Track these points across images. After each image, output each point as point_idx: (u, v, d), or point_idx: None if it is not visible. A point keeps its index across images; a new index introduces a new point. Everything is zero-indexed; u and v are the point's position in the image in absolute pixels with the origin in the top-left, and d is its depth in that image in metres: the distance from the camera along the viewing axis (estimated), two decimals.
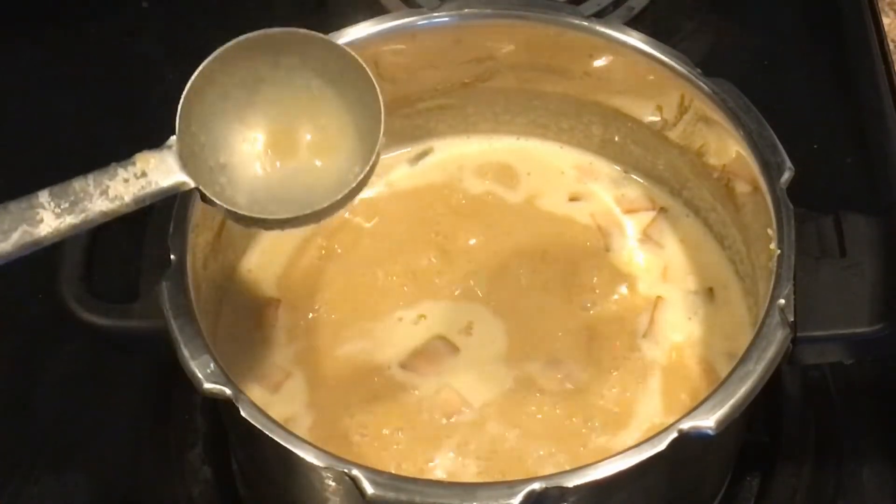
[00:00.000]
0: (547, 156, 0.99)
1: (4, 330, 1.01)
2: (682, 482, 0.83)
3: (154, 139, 0.75)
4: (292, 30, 0.75)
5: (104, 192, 0.71)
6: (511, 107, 0.98)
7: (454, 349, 0.89)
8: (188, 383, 0.76)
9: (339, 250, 0.94)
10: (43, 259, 0.85)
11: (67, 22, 1.20)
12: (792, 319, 0.77)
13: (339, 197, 0.74)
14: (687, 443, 0.72)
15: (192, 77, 0.74)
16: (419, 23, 0.91)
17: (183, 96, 0.73)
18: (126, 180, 0.71)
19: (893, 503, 0.91)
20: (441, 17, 0.91)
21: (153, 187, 0.72)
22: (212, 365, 0.76)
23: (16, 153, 1.11)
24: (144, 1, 1.22)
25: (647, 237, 0.94)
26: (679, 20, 1.18)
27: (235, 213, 0.74)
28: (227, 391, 0.75)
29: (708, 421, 0.73)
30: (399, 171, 0.99)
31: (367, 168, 0.74)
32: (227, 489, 0.93)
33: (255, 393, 0.86)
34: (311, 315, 0.91)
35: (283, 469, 0.78)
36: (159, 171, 0.72)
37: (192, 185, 0.72)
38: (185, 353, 0.76)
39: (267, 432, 0.73)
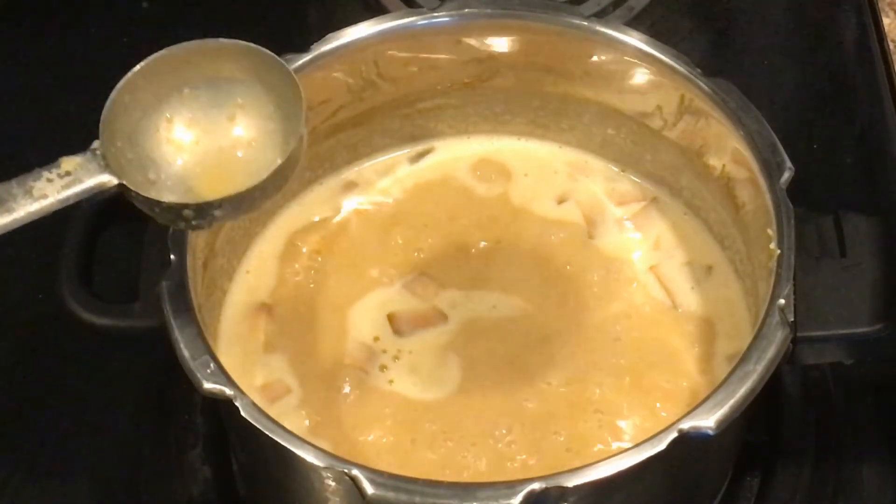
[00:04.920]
0: (546, 156, 0.99)
1: (4, 330, 1.01)
2: (682, 482, 0.83)
3: None
4: (211, 41, 0.76)
5: (28, 192, 0.72)
6: (511, 107, 0.98)
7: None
8: (188, 383, 0.76)
9: (336, 250, 0.94)
10: (43, 259, 0.86)
11: (67, 22, 1.20)
12: (792, 319, 0.77)
13: (257, 182, 0.74)
14: (687, 443, 0.72)
15: (114, 91, 0.75)
16: (419, 23, 0.91)
17: (105, 108, 0.74)
18: (50, 180, 0.72)
19: (893, 503, 0.91)
20: (441, 17, 0.91)
21: (77, 186, 0.72)
22: (212, 365, 0.76)
23: (16, 153, 1.11)
24: (144, 1, 1.22)
25: (635, 225, 0.95)
26: (679, 20, 1.18)
27: (160, 203, 0.74)
28: (228, 391, 0.75)
29: (708, 421, 0.73)
30: (400, 171, 0.99)
31: (286, 157, 0.75)
32: (227, 489, 0.92)
33: (253, 397, 0.86)
34: (303, 319, 0.90)
35: (283, 469, 0.78)
36: (83, 170, 0.73)
37: (116, 182, 0.73)
38: (185, 353, 0.76)
39: (267, 432, 0.73)
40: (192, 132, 0.77)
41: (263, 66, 0.76)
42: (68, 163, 0.73)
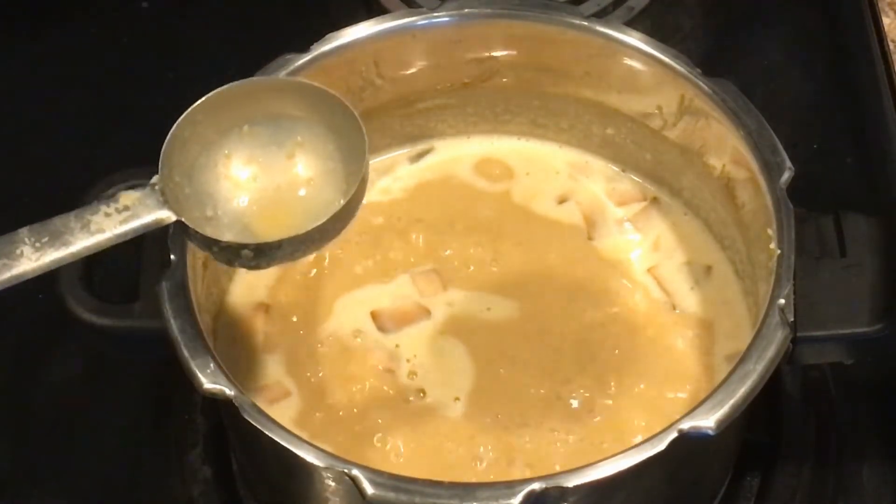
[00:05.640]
0: (546, 156, 0.99)
1: (4, 330, 1.01)
2: (682, 482, 0.83)
3: (153, 140, 0.75)
4: (273, 78, 0.75)
5: (86, 227, 0.71)
6: (511, 107, 0.98)
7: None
8: (188, 383, 0.76)
9: (336, 250, 0.94)
10: None
11: (67, 22, 1.20)
12: (792, 319, 0.77)
13: (319, 223, 0.73)
14: (687, 443, 0.72)
15: (175, 125, 0.74)
16: (419, 23, 0.91)
17: (166, 142, 0.73)
18: (108, 214, 0.71)
19: (893, 503, 0.91)
20: (441, 17, 0.91)
21: (135, 221, 0.72)
22: (212, 365, 0.76)
23: (16, 152, 1.11)
24: (144, 1, 1.22)
25: (635, 226, 0.95)
26: (679, 20, 1.18)
27: (218, 242, 0.73)
28: (228, 391, 0.75)
29: (708, 421, 0.73)
30: (400, 170, 0.99)
31: (349, 198, 0.74)
32: (227, 489, 0.93)
33: (253, 398, 0.86)
34: (303, 318, 0.90)
35: (283, 469, 0.78)
36: (142, 205, 0.72)
37: (175, 218, 0.72)
38: (185, 353, 0.76)
39: (267, 432, 0.73)
40: (251, 169, 0.76)
41: (325, 106, 0.76)
42: (127, 197, 0.72)
